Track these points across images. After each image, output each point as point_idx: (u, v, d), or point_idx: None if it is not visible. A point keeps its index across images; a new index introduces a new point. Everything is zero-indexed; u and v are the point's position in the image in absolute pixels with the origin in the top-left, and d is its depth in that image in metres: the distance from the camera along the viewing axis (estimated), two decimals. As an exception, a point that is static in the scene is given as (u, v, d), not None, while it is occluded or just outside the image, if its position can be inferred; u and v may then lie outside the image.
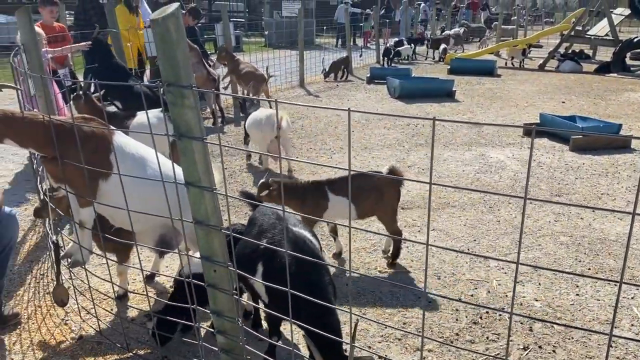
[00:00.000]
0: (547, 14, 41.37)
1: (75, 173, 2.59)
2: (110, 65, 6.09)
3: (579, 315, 3.21)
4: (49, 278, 3.67)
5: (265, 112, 5.81)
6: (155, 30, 1.96)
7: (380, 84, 11.96)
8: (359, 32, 22.84)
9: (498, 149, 7.01)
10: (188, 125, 2.06)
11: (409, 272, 3.76)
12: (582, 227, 4.52)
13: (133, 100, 5.77)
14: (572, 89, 11.89)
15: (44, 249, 4.08)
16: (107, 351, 2.89)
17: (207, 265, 2.30)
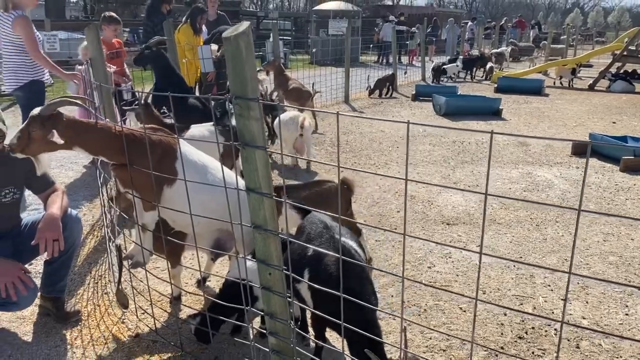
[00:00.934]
0: (598, 33, 40.51)
1: (142, 179, 2.77)
2: (172, 81, 6.31)
3: (627, 335, 3.19)
4: (107, 279, 3.87)
5: (290, 114, 6.54)
6: (227, 47, 2.12)
7: (425, 101, 12.01)
8: (404, 49, 22.94)
9: (546, 167, 6.96)
10: (252, 135, 2.20)
11: (453, 287, 3.80)
12: (632, 247, 4.46)
13: (188, 114, 6.01)
14: (623, 109, 11.65)
15: (102, 252, 4.31)
16: (161, 349, 3.05)
17: (262, 268, 2.42)
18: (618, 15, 79.77)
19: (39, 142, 2.63)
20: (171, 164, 2.87)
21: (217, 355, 2.98)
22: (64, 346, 3.07)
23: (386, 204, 5.46)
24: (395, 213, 5.17)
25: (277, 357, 2.55)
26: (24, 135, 2.60)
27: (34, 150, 2.68)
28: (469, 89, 14.25)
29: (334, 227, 2.81)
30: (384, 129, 9.05)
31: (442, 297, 3.64)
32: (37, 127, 2.60)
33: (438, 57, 19.59)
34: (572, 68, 15.72)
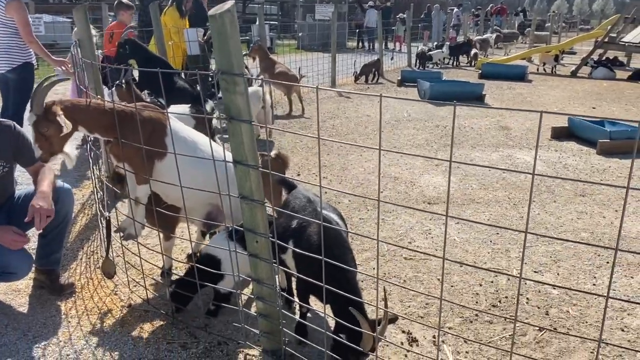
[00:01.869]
0: (583, 21, 40.86)
1: (134, 154, 2.89)
2: (150, 59, 6.37)
3: (594, 303, 3.39)
4: (99, 255, 3.99)
5: (252, 89, 6.84)
6: (212, 24, 2.24)
7: (410, 87, 12.16)
8: (390, 35, 23.08)
9: (525, 150, 7.15)
10: (238, 109, 2.33)
11: (431, 260, 3.97)
12: (604, 225, 4.66)
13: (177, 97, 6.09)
14: (603, 95, 11.89)
15: (93, 229, 4.42)
16: (153, 318, 3.18)
17: (250, 236, 2.56)
18: (602, 3, 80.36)
19: (56, 137, 2.76)
20: (161, 140, 2.99)
21: (207, 323, 3.12)
22: (59, 316, 3.20)
23: (370, 185, 5.62)
24: (375, 193, 5.32)
25: (264, 320, 2.70)
26: (40, 140, 2.74)
27: (58, 146, 2.82)
28: (454, 75, 14.42)
29: (317, 201, 2.96)
30: (370, 114, 9.19)
31: (420, 269, 3.81)
32: (45, 126, 2.72)
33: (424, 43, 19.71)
34: (555, 55, 15.94)
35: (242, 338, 2.98)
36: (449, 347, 2.97)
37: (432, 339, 3.04)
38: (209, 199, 3.19)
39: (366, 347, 2.42)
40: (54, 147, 2.82)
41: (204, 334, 3.03)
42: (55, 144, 2.81)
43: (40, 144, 2.78)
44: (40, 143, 2.78)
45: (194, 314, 3.21)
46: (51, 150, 2.82)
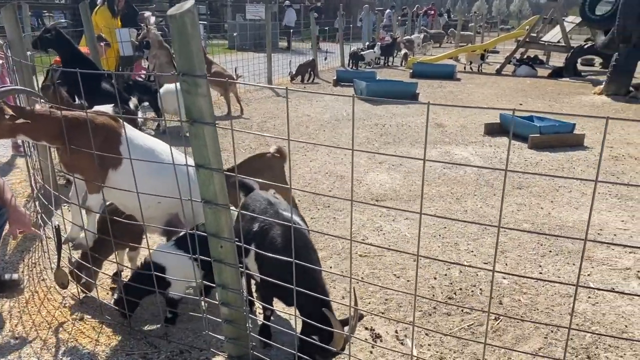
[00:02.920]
0: (502, 21, 42.73)
1: (86, 163, 2.76)
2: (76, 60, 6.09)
3: (542, 290, 3.55)
4: (42, 266, 3.78)
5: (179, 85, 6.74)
6: (172, 24, 2.17)
7: (346, 87, 12.30)
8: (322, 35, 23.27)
9: (462, 146, 7.40)
10: (200, 111, 2.28)
11: (386, 256, 4.03)
12: (542, 215, 4.90)
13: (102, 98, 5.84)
14: (528, 92, 12.49)
15: (32, 240, 4.18)
16: (109, 329, 3.05)
17: (214, 241, 2.50)
18: (519, 4, 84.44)
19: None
20: (116, 148, 2.87)
21: (166, 332, 3.02)
22: (4, 334, 3.00)
23: (318, 184, 5.64)
24: (327, 192, 5.35)
25: (230, 326, 2.65)
26: None
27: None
28: (386, 75, 14.71)
29: (278, 203, 2.93)
30: (309, 113, 9.22)
31: (376, 265, 3.86)
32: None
33: (354, 44, 19.98)
34: (481, 54, 16.60)
35: (205, 345, 2.92)
36: (411, 340, 3.03)
37: (395, 334, 3.08)
38: (169, 209, 3.10)
39: (338, 346, 2.43)
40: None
41: (164, 343, 2.94)
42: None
43: None
44: None
45: (152, 323, 3.11)
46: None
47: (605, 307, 3.35)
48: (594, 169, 6.39)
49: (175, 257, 2.97)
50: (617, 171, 6.30)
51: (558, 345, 2.99)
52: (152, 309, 3.25)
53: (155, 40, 7.92)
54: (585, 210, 5.00)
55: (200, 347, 2.92)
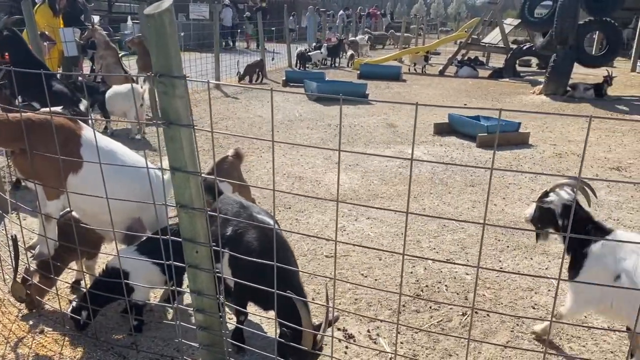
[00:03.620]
0: (441, 23, 43.85)
1: (43, 167, 2.64)
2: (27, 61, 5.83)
3: (505, 285, 3.67)
4: (-7, 278, 3.59)
5: (126, 86, 6.95)
6: (150, 24, 2.11)
7: (295, 87, 12.30)
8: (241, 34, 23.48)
9: (414, 146, 7.53)
10: (177, 113, 2.22)
11: (351, 256, 4.06)
12: (497, 212, 5.07)
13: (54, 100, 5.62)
14: (471, 92, 12.88)
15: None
16: (72, 342, 2.92)
17: (189, 246, 2.44)
18: (456, 7, 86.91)
19: None
20: (75, 151, 2.76)
21: (133, 341, 2.93)
22: (-42, 351, 2.83)
23: (277, 186, 5.59)
24: (286, 193, 5.32)
25: (205, 332, 2.59)
26: None
27: None
28: (334, 75, 14.81)
29: (251, 206, 2.91)
30: (261, 114, 9.16)
31: (343, 266, 3.88)
32: None
33: (300, 45, 20.03)
34: (424, 55, 16.97)
35: (176, 353, 2.85)
36: (384, 339, 3.06)
37: (367, 333, 3.11)
38: (130, 213, 3.00)
39: (308, 344, 2.41)
40: None
41: (133, 353, 2.85)
42: None
43: None
44: None
45: (118, 332, 3.01)
46: None
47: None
48: (540, 166, 6.66)
49: (138, 262, 2.89)
50: (562, 168, 6.59)
51: (524, 337, 3.10)
52: (117, 318, 3.14)
53: (102, 41, 7.66)
54: (536, 206, 5.19)
55: (172, 355, 2.85)
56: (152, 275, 2.93)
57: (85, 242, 3.06)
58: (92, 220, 2.97)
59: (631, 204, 5.30)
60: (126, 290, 2.86)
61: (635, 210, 5.15)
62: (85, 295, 2.92)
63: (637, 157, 7.14)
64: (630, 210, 5.13)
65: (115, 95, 6.85)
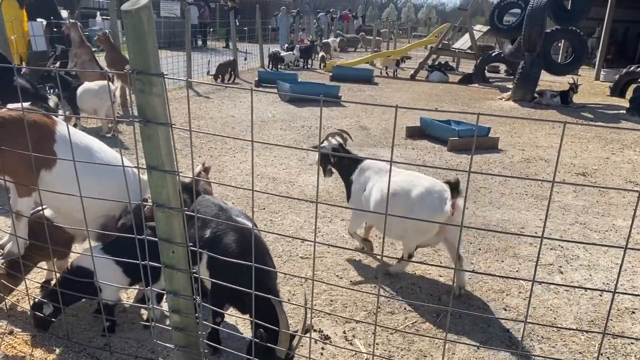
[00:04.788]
0: (412, 28, 44.32)
1: (15, 163, 2.57)
2: None
3: (477, 287, 3.72)
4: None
5: (97, 84, 6.89)
6: (127, 20, 2.07)
7: (267, 87, 12.26)
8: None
9: (386, 148, 7.60)
10: (154, 111, 2.19)
11: (326, 258, 4.06)
12: (468, 215, 5.13)
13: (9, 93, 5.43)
14: (441, 97, 13.04)
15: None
16: (43, 343, 2.85)
17: (165, 246, 2.41)
18: (427, 12, 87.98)
19: None
20: (48, 147, 2.70)
21: (107, 342, 2.87)
22: None
23: (248, 186, 5.57)
24: (260, 194, 5.29)
25: (180, 333, 2.56)
26: None
27: None
28: (306, 77, 14.81)
29: (230, 209, 2.89)
30: (234, 114, 9.10)
31: (318, 267, 3.88)
32: None
33: (274, 46, 19.99)
34: (396, 59, 17.12)
35: (151, 354, 2.80)
36: (360, 340, 3.07)
37: (343, 334, 3.11)
38: (104, 210, 2.94)
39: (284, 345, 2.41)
40: None
41: (106, 355, 2.79)
42: None
43: None
44: None
45: (90, 333, 2.94)
46: None
47: (535, 300, 3.57)
48: (509, 170, 6.79)
49: (102, 261, 2.84)
50: (530, 172, 6.73)
51: (497, 338, 3.15)
52: (89, 319, 3.08)
53: (77, 38, 7.50)
54: (506, 210, 5.30)
55: (146, 356, 2.80)
56: (115, 275, 2.87)
57: (56, 241, 2.99)
58: (67, 219, 2.90)
59: (596, 209, 5.44)
60: (93, 290, 2.81)
61: (600, 214, 5.29)
62: (48, 291, 2.86)
63: (601, 163, 7.34)
64: (596, 215, 5.27)
65: (86, 91, 6.72)
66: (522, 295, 3.64)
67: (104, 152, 2.84)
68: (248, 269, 2.35)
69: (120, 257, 2.76)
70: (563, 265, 4.12)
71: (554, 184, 1.68)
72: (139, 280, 2.99)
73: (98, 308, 2.98)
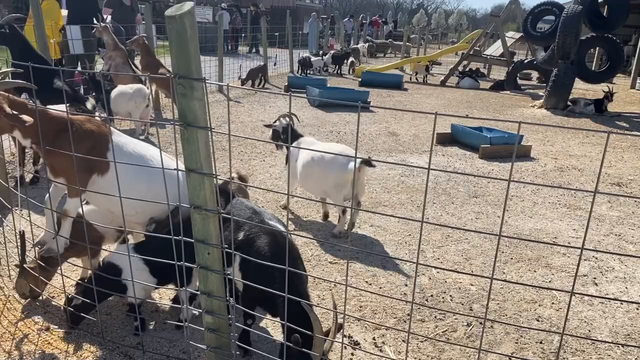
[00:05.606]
0: (442, 34, 44.05)
1: (71, 166, 2.65)
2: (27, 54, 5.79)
3: (509, 297, 3.68)
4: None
5: (131, 87, 6.99)
6: (171, 26, 2.12)
7: (297, 92, 12.33)
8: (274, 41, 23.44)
9: (416, 155, 7.57)
10: (195, 115, 2.23)
11: (355, 263, 4.06)
12: (499, 223, 5.08)
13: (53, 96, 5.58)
14: (472, 103, 12.93)
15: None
16: (78, 339, 2.92)
17: (201, 247, 2.45)
18: (457, 18, 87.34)
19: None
20: (103, 154, 2.79)
21: (140, 341, 2.92)
22: (-38, 346, 2.82)
23: (280, 190, 5.61)
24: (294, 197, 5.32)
25: (213, 334, 2.59)
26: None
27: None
28: (335, 82, 14.84)
29: (263, 212, 2.92)
30: (264, 118, 9.17)
31: (348, 272, 3.88)
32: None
33: (304, 51, 20.09)
34: (426, 65, 17.03)
35: (183, 355, 2.84)
36: (389, 347, 3.06)
37: (372, 340, 3.11)
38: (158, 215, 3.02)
39: (318, 350, 2.42)
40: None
41: (139, 353, 2.84)
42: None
43: None
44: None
45: (123, 331, 3.00)
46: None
47: (569, 312, 3.50)
48: (542, 179, 6.69)
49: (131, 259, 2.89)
50: (563, 181, 6.62)
51: (529, 349, 3.11)
52: (123, 318, 3.13)
53: (111, 41, 7.67)
54: (538, 219, 5.23)
55: (178, 356, 2.84)
56: (141, 274, 2.91)
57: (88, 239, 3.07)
58: (117, 221, 2.98)
59: (632, 220, 5.32)
60: (120, 288, 2.87)
61: (636, 226, 5.17)
62: (80, 288, 2.93)
63: (637, 173, 7.18)
64: (632, 226, 5.15)
65: (120, 95, 6.85)
66: (555, 306, 3.59)
67: (156, 158, 2.93)
68: (280, 272, 2.37)
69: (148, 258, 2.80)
70: (597, 277, 4.04)
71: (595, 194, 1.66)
72: (167, 281, 3.05)
73: (131, 307, 3.04)
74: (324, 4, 78.23)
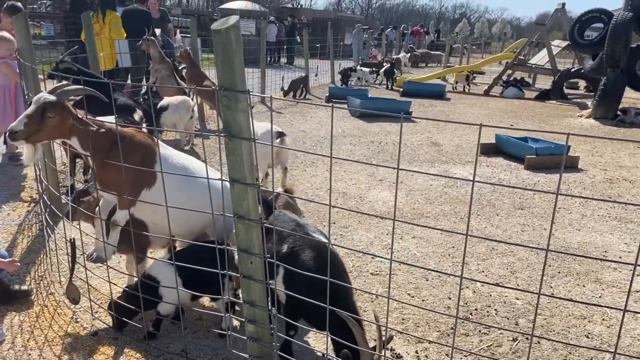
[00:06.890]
0: (486, 43, 43.44)
1: (121, 179, 2.73)
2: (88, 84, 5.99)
3: (556, 312, 3.57)
4: (49, 280, 3.70)
5: (179, 98, 7.20)
6: (217, 39, 2.17)
7: (338, 103, 12.36)
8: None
9: (459, 166, 7.46)
10: (239, 127, 2.27)
11: (398, 275, 4.02)
12: (546, 236, 4.93)
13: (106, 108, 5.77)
14: (517, 113, 12.68)
15: (37, 252, 4.10)
16: (124, 345, 2.98)
17: (244, 257, 2.47)
18: (501, 27, 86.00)
19: (50, 129, 2.55)
20: (151, 166, 2.87)
21: (184, 349, 2.97)
22: (17, 348, 2.92)
23: (321, 200, 5.62)
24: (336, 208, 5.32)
25: (255, 344, 2.61)
26: (35, 121, 2.50)
27: (41, 137, 2.62)
28: (377, 92, 14.81)
29: (306, 225, 2.93)
30: (305, 129, 9.23)
31: (390, 284, 3.84)
32: (56, 113, 2.52)
33: (345, 62, 20.16)
34: (466, 75, 16.80)
35: (225, 363, 2.87)
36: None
37: (415, 354, 3.07)
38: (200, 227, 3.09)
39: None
40: (38, 135, 2.61)
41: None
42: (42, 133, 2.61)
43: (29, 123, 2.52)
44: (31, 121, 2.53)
45: (167, 338, 3.05)
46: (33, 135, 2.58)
47: (621, 330, 3.37)
48: (590, 191, 6.49)
49: (165, 271, 2.94)
50: (613, 194, 6.40)
51: (578, 367, 3.00)
52: (168, 325, 3.19)
53: (157, 55, 7.89)
54: (587, 232, 5.06)
55: (220, 364, 2.87)
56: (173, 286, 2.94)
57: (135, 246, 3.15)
58: (162, 232, 3.05)
59: (689, 234, 5.10)
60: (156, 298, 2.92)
61: (693, 240, 4.95)
62: (125, 294, 3.00)
63: (693, 185, 6.88)
64: (688, 241, 4.94)
65: (165, 107, 7.03)
66: (606, 322, 3.45)
67: (199, 170, 3.00)
68: (324, 286, 2.36)
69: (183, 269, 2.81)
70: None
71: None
72: (200, 294, 3.07)
73: (176, 315, 3.09)
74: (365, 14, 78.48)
